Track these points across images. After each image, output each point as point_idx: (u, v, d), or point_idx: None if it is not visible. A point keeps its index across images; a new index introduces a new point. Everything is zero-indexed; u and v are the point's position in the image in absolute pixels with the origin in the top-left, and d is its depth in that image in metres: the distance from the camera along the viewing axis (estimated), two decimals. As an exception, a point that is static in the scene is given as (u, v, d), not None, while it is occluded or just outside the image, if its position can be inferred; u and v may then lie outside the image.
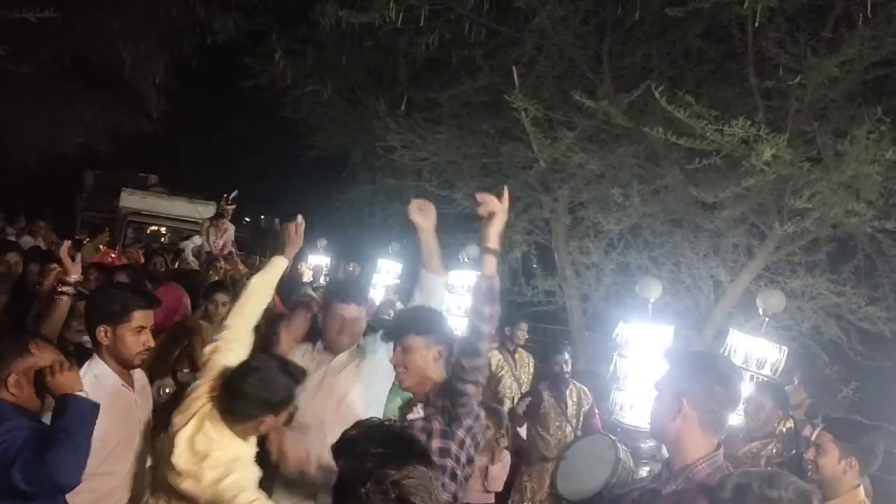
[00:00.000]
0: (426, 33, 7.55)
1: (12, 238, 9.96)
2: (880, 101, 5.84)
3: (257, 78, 10.18)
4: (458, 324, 7.39)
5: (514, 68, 6.76)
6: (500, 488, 5.28)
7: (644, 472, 4.70)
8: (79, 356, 3.59)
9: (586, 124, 6.98)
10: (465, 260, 8.31)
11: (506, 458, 5.21)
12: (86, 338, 3.69)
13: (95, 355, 3.14)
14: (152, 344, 3.28)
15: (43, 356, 2.76)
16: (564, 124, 6.97)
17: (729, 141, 5.69)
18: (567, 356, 6.10)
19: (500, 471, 5.15)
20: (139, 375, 3.31)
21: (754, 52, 6.35)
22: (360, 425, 1.86)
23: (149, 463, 3.25)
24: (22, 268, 5.95)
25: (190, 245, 9.85)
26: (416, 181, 9.96)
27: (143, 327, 3.16)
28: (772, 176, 5.83)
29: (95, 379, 3.03)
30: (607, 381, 6.49)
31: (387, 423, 1.94)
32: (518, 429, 6.09)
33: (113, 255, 9.17)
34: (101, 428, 2.94)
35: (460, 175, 9.21)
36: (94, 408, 2.70)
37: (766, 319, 5.34)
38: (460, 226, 10.12)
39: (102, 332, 3.10)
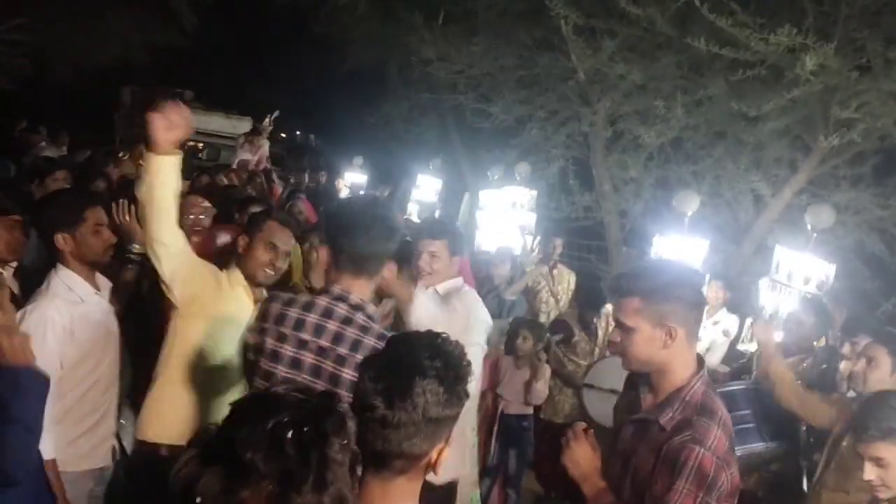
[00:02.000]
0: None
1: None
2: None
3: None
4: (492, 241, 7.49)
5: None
6: (540, 401, 5.37)
7: None
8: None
9: (628, 33, 6.79)
10: (518, 177, 8.26)
11: (547, 373, 5.28)
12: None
13: (59, 265, 3.06)
14: (114, 240, 3.24)
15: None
16: (606, 33, 6.79)
17: (774, 50, 5.51)
18: (604, 311, 5.88)
19: (542, 386, 5.22)
20: (103, 281, 3.26)
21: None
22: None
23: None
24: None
25: (238, 159, 9.87)
26: (451, 95, 9.86)
27: (100, 225, 3.15)
28: (818, 86, 5.65)
29: (69, 289, 3.02)
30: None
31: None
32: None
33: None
34: (83, 337, 2.97)
35: (496, 88, 9.08)
36: (46, 383, 2.33)
37: (815, 235, 5.25)
38: (496, 140, 10.05)
39: (62, 239, 3.04)
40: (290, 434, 1.20)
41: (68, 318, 2.94)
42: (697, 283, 2.30)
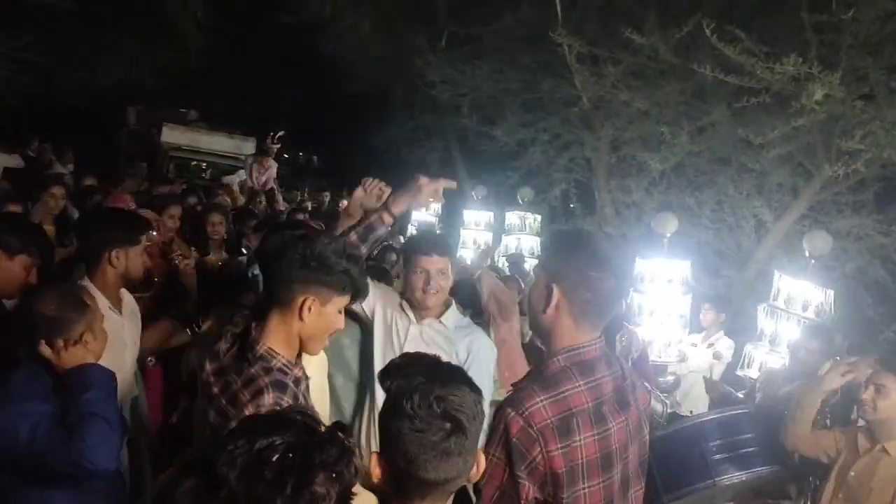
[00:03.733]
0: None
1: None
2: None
3: (297, 12, 10.12)
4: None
5: (557, 1, 6.62)
6: None
7: (659, 407, 4.73)
8: None
9: (631, 60, 6.83)
10: (522, 201, 8.35)
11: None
12: None
13: (87, 279, 3.09)
14: (150, 264, 3.40)
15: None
16: (609, 60, 6.82)
17: (779, 79, 5.53)
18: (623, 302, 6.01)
19: None
20: (129, 298, 3.28)
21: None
22: (406, 354, 1.84)
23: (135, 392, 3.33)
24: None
25: (236, 179, 9.92)
26: (455, 117, 9.91)
27: (146, 247, 3.29)
28: (822, 115, 5.68)
29: None
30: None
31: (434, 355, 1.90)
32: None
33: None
34: None
35: (500, 111, 9.12)
36: (113, 377, 2.55)
37: (812, 261, 5.26)
38: (499, 163, 10.08)
39: (116, 255, 3.09)
40: (274, 458, 1.18)
41: None
42: (612, 265, 2.03)
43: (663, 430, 4.32)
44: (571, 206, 9.38)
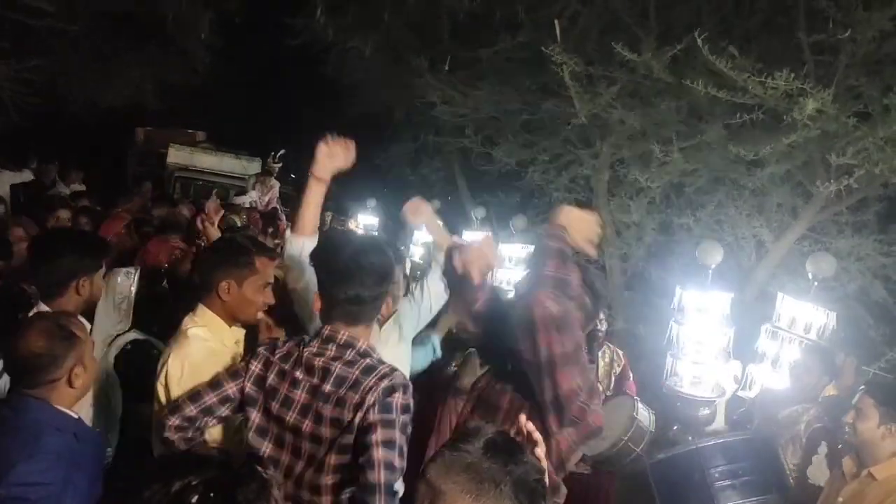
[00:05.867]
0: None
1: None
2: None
3: (301, 35, 10.22)
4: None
5: (556, 22, 6.65)
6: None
7: (645, 413, 4.68)
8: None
9: (627, 79, 6.84)
10: (514, 231, 8.34)
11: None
12: None
13: (41, 303, 3.02)
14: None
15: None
16: (605, 79, 6.84)
17: (772, 95, 5.52)
18: (602, 316, 5.93)
19: None
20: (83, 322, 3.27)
21: (805, 4, 6.12)
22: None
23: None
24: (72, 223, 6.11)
25: (247, 200, 9.99)
26: (456, 138, 9.95)
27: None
28: (816, 132, 5.66)
29: None
30: (662, 347, 6.30)
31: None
32: None
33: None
34: None
35: (501, 132, 9.15)
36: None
37: (815, 284, 5.21)
38: (501, 183, 10.10)
39: (83, 284, 3.06)
40: (194, 499, 1.14)
41: None
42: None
43: (665, 453, 4.28)
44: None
